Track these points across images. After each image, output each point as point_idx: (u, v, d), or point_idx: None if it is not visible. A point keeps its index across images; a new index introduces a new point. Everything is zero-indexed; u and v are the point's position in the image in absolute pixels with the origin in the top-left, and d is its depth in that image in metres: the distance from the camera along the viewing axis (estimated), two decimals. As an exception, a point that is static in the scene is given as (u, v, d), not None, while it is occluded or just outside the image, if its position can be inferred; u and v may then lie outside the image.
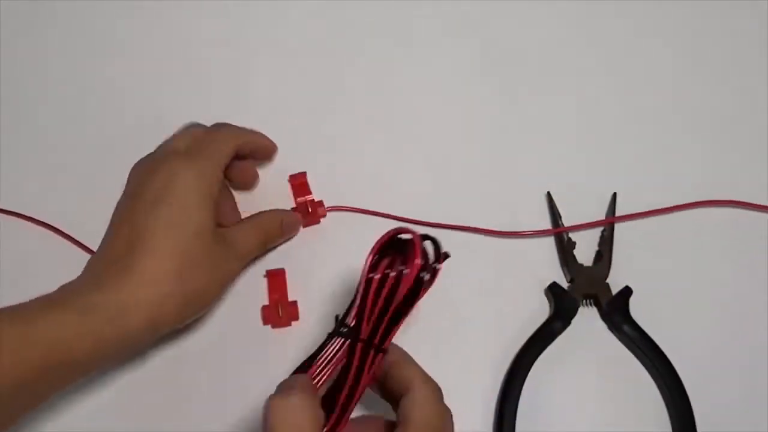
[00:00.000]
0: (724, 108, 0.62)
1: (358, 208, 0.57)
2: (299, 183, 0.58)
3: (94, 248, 0.49)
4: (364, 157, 0.60)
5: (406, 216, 0.57)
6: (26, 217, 0.57)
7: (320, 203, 0.57)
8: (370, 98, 0.62)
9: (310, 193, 0.58)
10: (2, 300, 0.43)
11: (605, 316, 0.54)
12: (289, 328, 0.54)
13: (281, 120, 0.60)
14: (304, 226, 0.57)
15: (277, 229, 0.54)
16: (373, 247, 0.40)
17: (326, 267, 0.56)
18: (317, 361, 0.39)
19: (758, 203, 0.57)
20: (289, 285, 0.55)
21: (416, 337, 0.53)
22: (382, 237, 0.40)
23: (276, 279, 0.55)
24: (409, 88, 0.62)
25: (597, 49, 0.64)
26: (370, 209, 0.57)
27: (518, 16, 0.65)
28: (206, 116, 0.55)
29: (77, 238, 0.56)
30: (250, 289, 0.55)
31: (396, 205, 0.57)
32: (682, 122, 0.61)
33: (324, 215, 0.57)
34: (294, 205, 0.58)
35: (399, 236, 0.40)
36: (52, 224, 0.57)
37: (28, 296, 0.44)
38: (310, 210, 0.57)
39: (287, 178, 0.58)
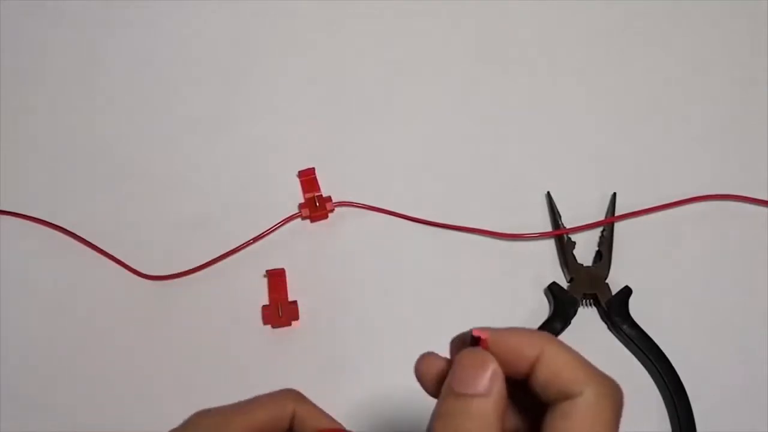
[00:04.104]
0: (723, 102, 0.58)
1: (365, 205, 0.54)
2: (308, 178, 0.55)
3: (101, 246, 0.44)
4: (371, 154, 0.56)
5: (410, 214, 0.53)
6: (31, 217, 0.54)
7: (328, 199, 0.54)
8: (378, 97, 0.59)
9: (319, 188, 0.54)
10: (9, 301, 0.39)
11: (605, 316, 0.50)
12: (289, 327, 0.50)
13: (290, 115, 0.58)
14: (312, 221, 0.53)
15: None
16: None
17: (331, 263, 0.52)
18: None
19: (757, 197, 0.54)
20: (290, 284, 0.51)
21: (416, 337, 0.49)
22: None
23: (276, 279, 0.51)
24: (415, 90, 0.59)
25: (597, 50, 0.61)
26: (376, 206, 0.54)
27: (519, 16, 0.62)
28: (211, 115, 0.51)
29: (84, 237, 0.53)
30: (250, 289, 0.51)
31: (402, 203, 0.54)
32: (681, 119, 0.58)
33: (332, 210, 0.54)
34: (302, 200, 0.54)
35: None
36: (57, 224, 0.53)
37: (35, 296, 0.39)
38: (318, 205, 0.53)
39: (296, 173, 0.55)
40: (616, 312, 0.49)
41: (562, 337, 0.49)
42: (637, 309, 0.49)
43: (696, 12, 0.62)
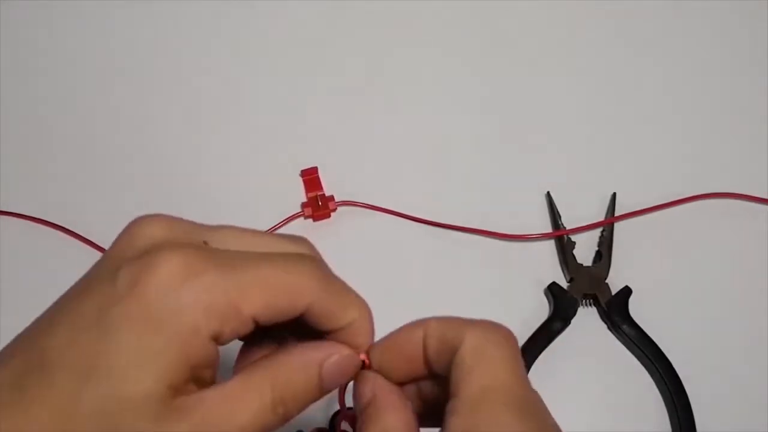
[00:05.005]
0: (722, 101, 0.58)
1: (367, 204, 0.53)
2: (311, 177, 0.54)
3: (102, 245, 0.44)
4: (374, 154, 0.56)
5: (411, 214, 0.53)
6: (31, 217, 0.53)
7: (331, 198, 0.53)
8: (381, 96, 0.58)
9: (321, 188, 0.53)
10: (9, 301, 0.38)
11: (605, 316, 0.50)
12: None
13: (293, 114, 0.57)
14: (315, 221, 0.53)
15: (308, 383, 0.27)
16: None
17: (333, 262, 0.51)
18: None
19: (757, 195, 0.53)
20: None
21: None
22: None
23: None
24: (417, 90, 0.59)
25: (596, 49, 0.61)
26: (379, 205, 0.53)
27: (519, 17, 0.62)
28: (213, 113, 0.51)
29: (85, 236, 0.52)
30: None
31: (403, 203, 0.53)
32: (681, 118, 0.57)
33: (334, 210, 0.53)
34: (305, 200, 0.53)
35: None
36: (57, 224, 0.53)
37: (35, 296, 0.39)
38: (320, 204, 0.53)
39: (299, 172, 0.54)
40: (616, 312, 0.49)
41: (562, 337, 0.48)
42: (637, 309, 0.49)
43: (695, 11, 0.61)
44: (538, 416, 0.26)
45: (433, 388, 0.29)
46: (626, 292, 0.49)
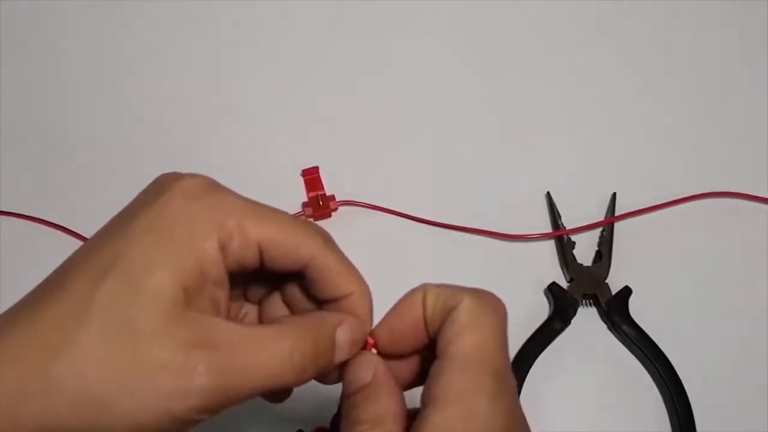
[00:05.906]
0: (722, 101, 0.58)
1: (368, 204, 0.53)
2: (312, 177, 0.54)
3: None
4: (375, 154, 0.56)
5: (411, 214, 0.53)
6: (31, 217, 0.53)
7: (332, 198, 0.53)
8: (382, 97, 0.58)
9: (322, 187, 0.53)
10: (9, 302, 0.38)
11: (605, 316, 0.50)
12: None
13: (294, 114, 0.57)
14: (315, 220, 0.53)
15: (325, 343, 0.28)
16: None
17: None
18: None
19: (756, 195, 0.53)
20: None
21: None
22: None
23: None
24: (417, 91, 0.59)
25: (595, 49, 0.61)
26: (379, 205, 0.53)
27: (519, 17, 0.62)
28: (214, 113, 0.50)
29: (85, 236, 0.52)
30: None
31: (403, 203, 0.53)
32: (681, 118, 0.57)
33: (335, 209, 0.53)
34: (306, 199, 0.53)
35: None
36: (57, 224, 0.53)
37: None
38: (321, 204, 0.53)
39: (300, 172, 0.54)
40: (616, 312, 0.49)
41: (562, 337, 0.48)
42: (637, 309, 0.49)
43: (696, 11, 0.61)
44: (511, 392, 0.27)
45: (432, 356, 0.29)
46: (626, 292, 0.49)
